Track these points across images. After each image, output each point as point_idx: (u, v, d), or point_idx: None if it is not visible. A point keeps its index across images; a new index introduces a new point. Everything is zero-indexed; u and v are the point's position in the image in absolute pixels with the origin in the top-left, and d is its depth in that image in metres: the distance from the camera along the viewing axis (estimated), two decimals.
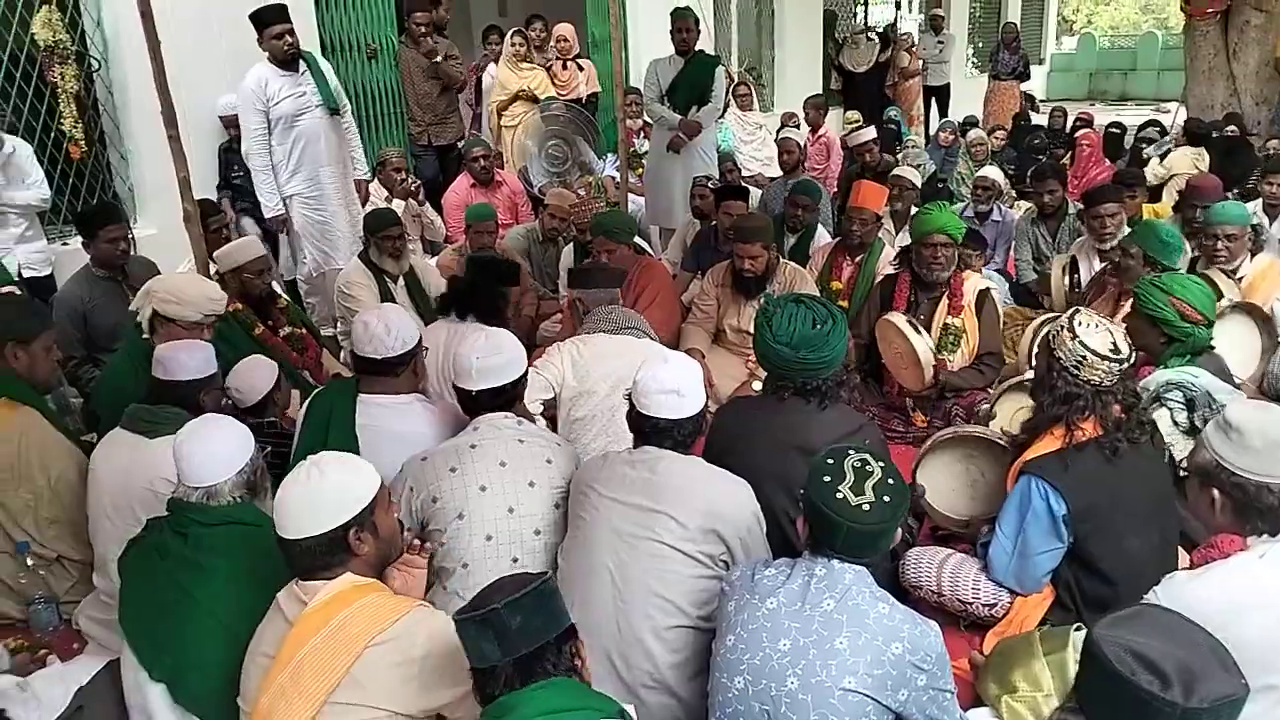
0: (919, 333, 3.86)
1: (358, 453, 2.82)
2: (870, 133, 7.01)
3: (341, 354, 4.76)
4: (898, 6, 13.65)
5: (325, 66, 5.20)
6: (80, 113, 5.05)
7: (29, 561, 2.90)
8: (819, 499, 1.92)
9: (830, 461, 1.97)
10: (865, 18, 13.10)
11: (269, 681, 1.84)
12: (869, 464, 1.96)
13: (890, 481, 1.94)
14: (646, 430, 2.40)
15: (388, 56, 6.93)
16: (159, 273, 4.61)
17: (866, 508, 1.90)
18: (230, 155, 5.81)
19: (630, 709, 1.86)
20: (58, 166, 5.08)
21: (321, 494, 1.94)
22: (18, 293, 4.09)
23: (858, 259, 4.75)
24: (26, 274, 4.63)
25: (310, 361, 4.31)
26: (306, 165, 5.12)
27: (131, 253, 4.40)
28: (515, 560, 2.51)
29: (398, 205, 5.99)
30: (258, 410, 3.37)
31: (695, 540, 2.27)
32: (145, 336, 3.45)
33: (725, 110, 7.35)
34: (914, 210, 4.82)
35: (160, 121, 3.86)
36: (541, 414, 3.34)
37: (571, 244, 5.53)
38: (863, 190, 4.80)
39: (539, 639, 1.62)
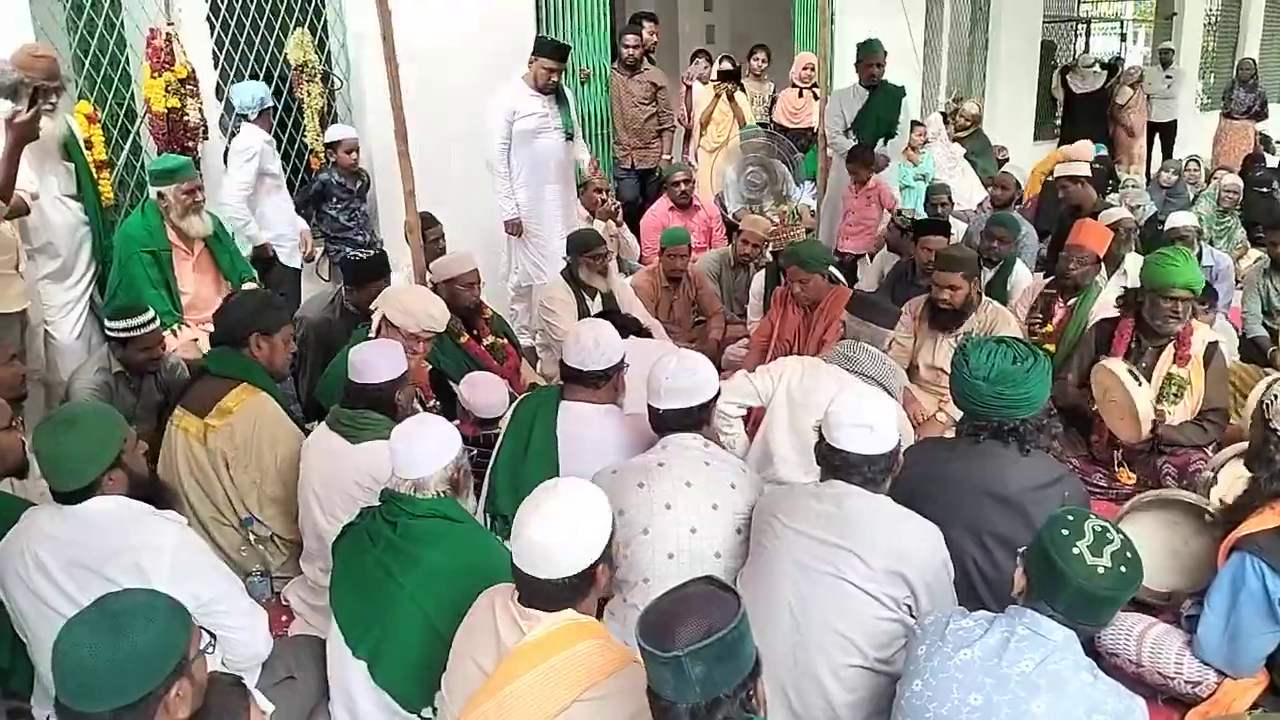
0: (1140, 383, 3.63)
1: (556, 454, 2.97)
2: (1084, 167, 6.59)
3: (539, 365, 4.97)
4: (1123, 38, 12.93)
5: (570, 95, 5.61)
6: (322, 127, 5.52)
7: (251, 536, 3.17)
8: (1054, 551, 1.85)
9: (1070, 518, 1.91)
10: (1087, 46, 12.47)
11: (474, 704, 1.83)
12: (1109, 532, 1.88)
13: (1129, 555, 1.86)
14: (836, 464, 2.37)
15: (599, 81, 7.19)
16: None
17: (1102, 571, 1.82)
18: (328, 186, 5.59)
19: None
20: (299, 176, 5.56)
21: (568, 536, 1.89)
22: (259, 287, 4.51)
23: (1070, 301, 4.52)
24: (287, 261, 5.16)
25: (509, 370, 4.52)
26: (533, 182, 5.47)
27: None
28: None
29: (598, 226, 6.20)
30: (487, 423, 3.65)
31: (879, 581, 2.23)
32: (370, 337, 3.72)
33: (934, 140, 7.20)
34: (1137, 255, 4.55)
35: (393, 137, 4.17)
36: None
37: (763, 270, 5.54)
38: (1084, 229, 4.56)
39: (720, 690, 1.54)
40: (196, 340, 4.21)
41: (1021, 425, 2.59)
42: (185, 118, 4.71)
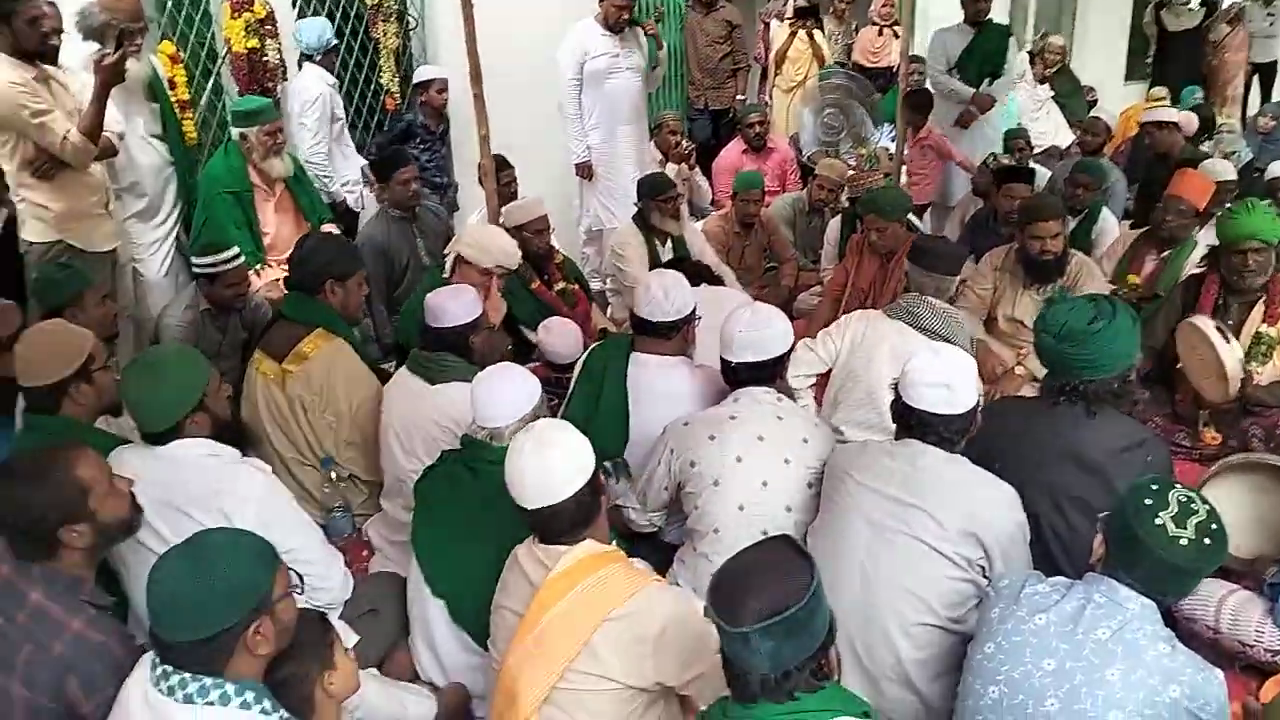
0: (1228, 341, 3.50)
1: (627, 406, 2.99)
2: (1172, 112, 6.21)
3: (609, 310, 4.99)
4: None
5: (642, 35, 5.56)
6: (397, 67, 5.53)
7: (332, 475, 3.26)
8: (1135, 521, 1.81)
9: (1155, 487, 1.86)
10: None
11: (516, 642, 1.93)
12: (1195, 503, 1.83)
13: (1214, 527, 1.81)
14: (911, 423, 2.33)
15: (673, 19, 7.07)
16: (442, 217, 5.04)
17: (1184, 543, 1.78)
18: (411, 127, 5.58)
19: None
20: (374, 116, 5.59)
21: (559, 460, 1.99)
22: (337, 231, 4.57)
23: (1164, 254, 4.35)
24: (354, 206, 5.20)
25: (580, 316, 4.53)
26: (605, 122, 5.45)
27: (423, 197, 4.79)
28: (765, 533, 2.53)
29: (670, 169, 6.14)
30: (560, 367, 3.68)
31: (952, 541, 2.21)
32: (446, 276, 3.76)
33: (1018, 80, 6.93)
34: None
35: (467, 79, 4.15)
36: None
37: (838, 216, 5.45)
38: (1185, 180, 4.36)
39: (789, 664, 1.53)
40: (278, 280, 4.31)
41: (1086, 386, 2.51)
42: (265, 58, 4.76)
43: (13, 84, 3.52)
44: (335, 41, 4.98)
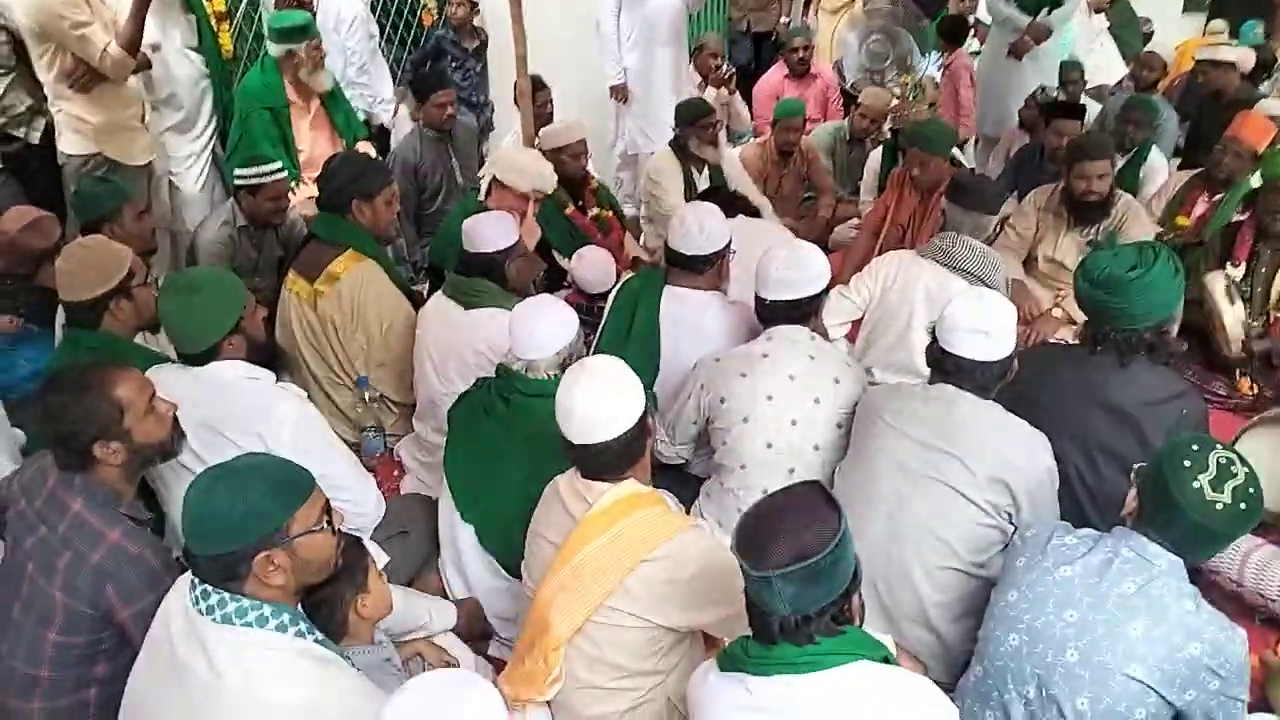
0: (1233, 301, 3.45)
1: (658, 339, 2.99)
2: (1229, 51, 5.86)
3: (642, 237, 4.94)
4: None
5: None
6: None
7: (366, 395, 3.30)
8: (1172, 481, 1.79)
9: (1195, 448, 1.83)
10: None
11: (551, 573, 1.96)
12: (1234, 465, 1.81)
13: (1251, 490, 1.79)
14: (947, 368, 2.31)
15: None
16: (477, 138, 4.99)
17: (1220, 507, 1.76)
18: (442, 43, 5.55)
19: (888, 640, 1.89)
20: (410, 31, 5.50)
21: (610, 397, 1.98)
22: (371, 150, 4.55)
23: (1216, 197, 4.21)
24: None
25: (613, 243, 4.51)
26: (643, 43, 5.33)
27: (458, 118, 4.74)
28: (792, 471, 2.57)
29: (709, 93, 6.01)
30: (594, 296, 3.69)
31: (981, 488, 2.21)
32: (481, 199, 3.74)
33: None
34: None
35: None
36: None
37: (880, 147, 5.33)
38: (1247, 122, 4.19)
39: (810, 608, 1.53)
40: (313, 198, 4.29)
41: (1121, 335, 2.46)
42: None
43: None
44: None
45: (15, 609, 2.02)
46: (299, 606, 1.78)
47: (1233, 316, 3.45)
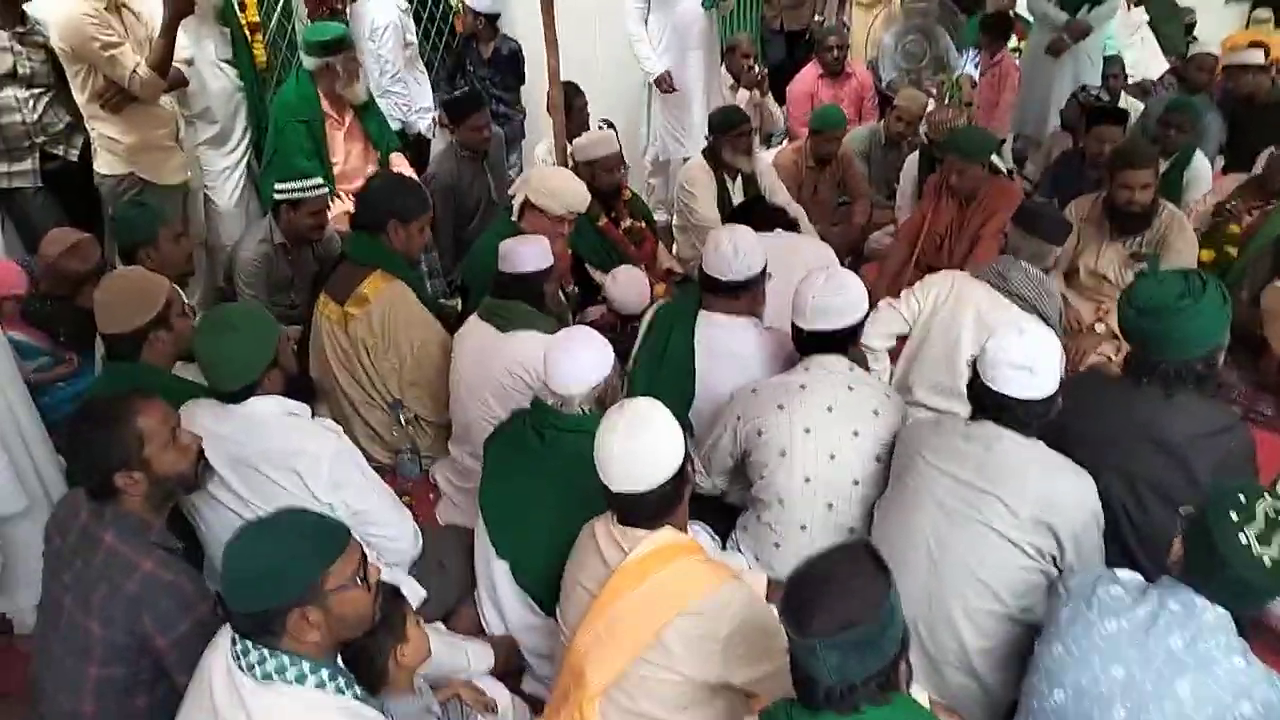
0: None
1: (693, 366, 2.96)
2: (1257, 55, 5.57)
3: (674, 247, 4.91)
4: None
5: None
6: None
7: (401, 418, 3.31)
8: (1217, 534, 1.74)
9: (1242, 498, 1.77)
10: None
11: (587, 625, 1.94)
12: None
13: None
14: (988, 405, 2.26)
15: None
16: (504, 147, 4.96)
17: (1269, 563, 1.71)
18: (467, 50, 5.51)
19: (924, 696, 1.85)
20: (443, 39, 5.49)
21: (652, 446, 1.95)
22: (406, 164, 4.54)
23: (1270, 205, 4.09)
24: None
25: (646, 255, 4.48)
26: (675, 47, 5.26)
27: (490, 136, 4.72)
28: (830, 506, 2.55)
29: (741, 95, 5.95)
30: (628, 316, 3.65)
31: (1025, 530, 2.16)
32: (514, 220, 3.73)
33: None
34: None
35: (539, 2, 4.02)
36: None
37: (916, 152, 5.25)
38: None
39: (858, 676, 1.50)
40: (349, 212, 4.30)
41: (1168, 366, 2.38)
42: None
43: (84, 15, 3.53)
44: None
45: (56, 645, 2.05)
46: (338, 658, 1.78)
47: None
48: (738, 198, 4.61)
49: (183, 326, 2.73)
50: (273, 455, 2.36)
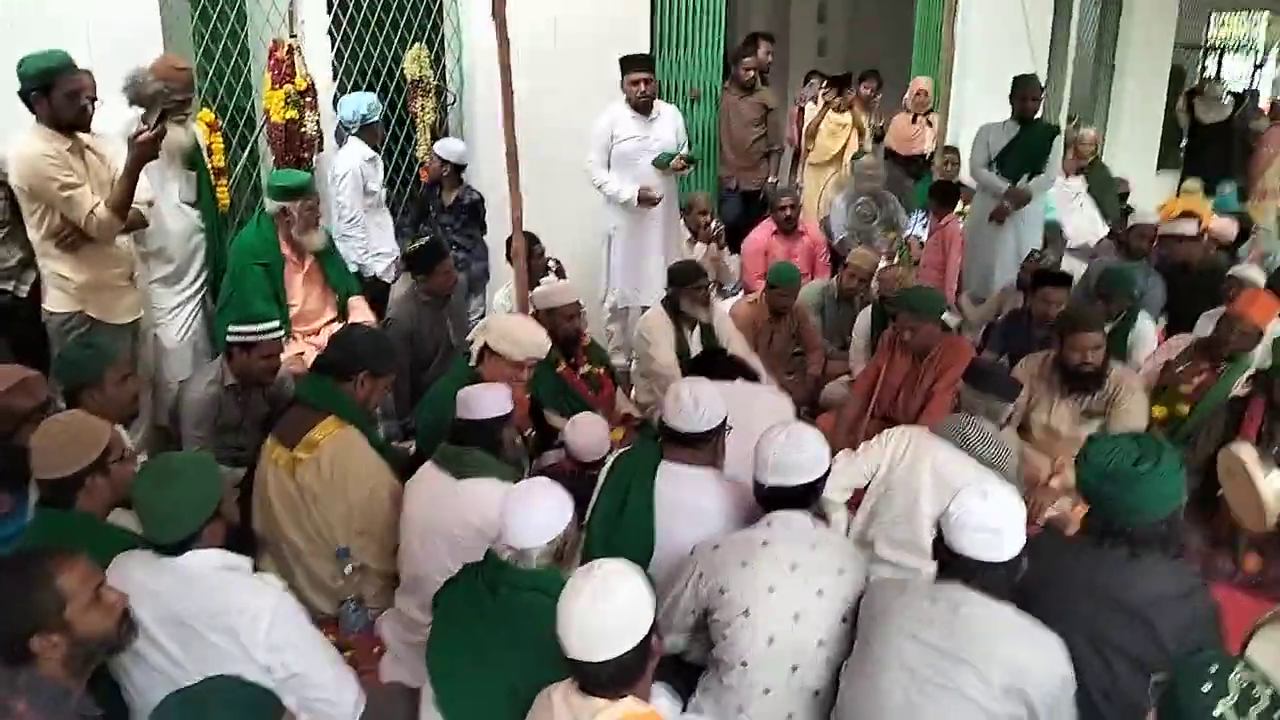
0: (1268, 473, 3.40)
1: (653, 519, 2.89)
2: (1190, 225, 5.95)
3: (633, 392, 4.91)
4: (1258, 66, 12.26)
5: (676, 116, 5.50)
6: (433, 141, 5.54)
7: (346, 569, 3.17)
8: (1191, 707, 1.70)
9: (1213, 669, 1.74)
10: (1218, 74, 11.87)
11: None
12: (1256, 688, 1.71)
13: (1276, 715, 1.69)
14: (954, 567, 2.23)
15: (709, 100, 7.09)
16: (466, 294, 4.98)
17: None
18: (430, 197, 5.60)
19: None
20: (408, 188, 5.60)
21: (616, 615, 1.90)
22: (366, 308, 4.54)
23: (1219, 368, 4.22)
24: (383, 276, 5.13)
25: (605, 400, 4.47)
26: (635, 204, 5.36)
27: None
28: (795, 668, 2.45)
29: (699, 249, 6.11)
30: (586, 464, 3.62)
31: (998, 699, 2.09)
32: (472, 366, 3.71)
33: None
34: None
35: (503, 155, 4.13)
36: None
37: (869, 307, 5.38)
38: (1255, 301, 4.24)
39: None
40: (303, 354, 4.26)
41: (1131, 528, 2.39)
42: (303, 129, 4.77)
43: (45, 155, 3.52)
44: (375, 117, 4.91)
45: None
46: None
47: (1270, 488, 3.37)
48: (695, 347, 4.67)
49: (122, 472, 2.62)
50: (209, 613, 2.21)
